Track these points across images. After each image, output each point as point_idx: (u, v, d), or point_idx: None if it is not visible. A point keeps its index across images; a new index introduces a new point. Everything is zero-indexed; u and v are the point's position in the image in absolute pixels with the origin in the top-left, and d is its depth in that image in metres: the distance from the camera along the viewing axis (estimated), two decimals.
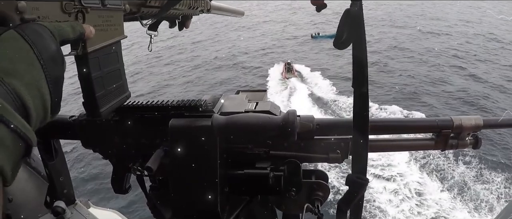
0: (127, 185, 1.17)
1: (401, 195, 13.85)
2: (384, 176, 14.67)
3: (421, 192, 14.02)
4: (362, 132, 0.87)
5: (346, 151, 0.98)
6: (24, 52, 0.51)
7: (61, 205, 1.34)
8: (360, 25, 0.80)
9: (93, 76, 0.77)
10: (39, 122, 0.53)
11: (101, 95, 0.80)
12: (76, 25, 0.67)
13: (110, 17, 0.80)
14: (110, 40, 0.81)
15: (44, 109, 0.53)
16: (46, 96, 0.53)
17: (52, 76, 0.55)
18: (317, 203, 1.02)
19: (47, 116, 0.55)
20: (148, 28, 1.12)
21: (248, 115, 0.92)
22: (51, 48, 0.56)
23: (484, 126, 0.97)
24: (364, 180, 0.90)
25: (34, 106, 0.50)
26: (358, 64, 0.83)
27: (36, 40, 0.53)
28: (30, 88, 0.50)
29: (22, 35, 0.52)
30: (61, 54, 0.59)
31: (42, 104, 0.52)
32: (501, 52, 28.61)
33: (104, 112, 0.82)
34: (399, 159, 15.32)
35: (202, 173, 0.93)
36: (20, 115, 0.46)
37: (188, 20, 1.28)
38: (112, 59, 0.84)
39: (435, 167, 15.20)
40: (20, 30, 0.53)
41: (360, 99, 0.85)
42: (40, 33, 0.55)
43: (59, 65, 0.58)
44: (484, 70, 25.02)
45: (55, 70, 0.56)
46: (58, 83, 0.57)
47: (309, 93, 23.26)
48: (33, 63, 0.52)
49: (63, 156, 1.27)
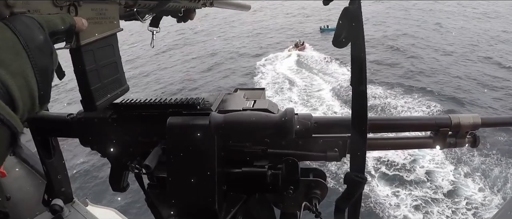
0: (125, 183, 1.17)
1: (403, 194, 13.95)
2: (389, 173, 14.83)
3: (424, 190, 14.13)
4: (360, 130, 0.88)
5: (344, 149, 0.98)
6: (10, 42, 0.51)
7: (59, 203, 1.35)
8: (359, 24, 0.80)
9: (88, 69, 0.76)
10: (27, 112, 0.53)
11: (96, 89, 0.79)
12: (67, 17, 0.66)
13: (104, 10, 0.79)
14: (104, 33, 0.80)
15: (31, 98, 0.53)
16: (33, 85, 0.53)
17: (39, 66, 0.55)
18: (315, 201, 1.02)
19: (35, 105, 0.55)
20: (150, 24, 1.11)
21: (246, 113, 0.92)
22: (38, 38, 0.56)
23: (482, 124, 0.97)
24: (362, 178, 0.90)
25: (21, 95, 0.50)
26: (356, 62, 0.83)
27: (23, 30, 0.53)
28: (16, 77, 0.50)
29: (8, 26, 0.52)
30: (49, 45, 0.58)
31: (28, 93, 0.52)
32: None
33: (100, 105, 0.81)
34: (398, 158, 15.43)
35: (200, 171, 0.93)
36: (5, 103, 0.46)
37: (191, 13, 1.24)
38: (108, 52, 0.83)
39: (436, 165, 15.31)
40: (7, 21, 0.53)
41: (358, 97, 0.86)
42: (28, 24, 0.55)
43: (47, 55, 0.57)
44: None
45: (43, 60, 0.56)
46: (46, 74, 0.57)
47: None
48: (19, 53, 0.52)
49: (61, 154, 1.27)
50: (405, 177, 14.68)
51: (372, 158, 15.33)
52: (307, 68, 27.97)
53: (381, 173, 14.94)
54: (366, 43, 0.82)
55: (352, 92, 0.86)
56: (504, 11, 38.42)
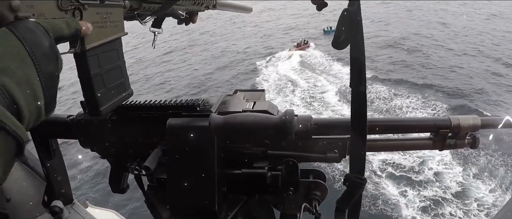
0: (125, 184, 1.17)
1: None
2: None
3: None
4: (360, 131, 0.88)
5: (344, 151, 0.98)
6: (15, 49, 0.50)
7: (59, 204, 1.34)
8: (358, 25, 0.80)
9: (93, 74, 0.76)
10: (33, 120, 0.52)
11: (101, 94, 0.78)
12: (72, 21, 0.65)
13: (109, 14, 0.78)
14: (109, 37, 0.79)
15: (37, 107, 0.52)
16: (39, 93, 0.52)
17: (45, 73, 0.53)
18: (314, 202, 1.02)
19: (41, 113, 0.53)
20: (152, 25, 1.10)
21: (246, 115, 0.92)
22: (44, 44, 0.54)
23: (482, 126, 0.97)
24: (362, 180, 0.90)
25: (26, 103, 0.49)
26: (356, 63, 0.83)
27: (28, 36, 0.52)
28: (21, 85, 0.48)
29: (13, 32, 0.51)
30: (55, 51, 0.57)
31: (34, 101, 0.51)
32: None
33: (105, 110, 0.80)
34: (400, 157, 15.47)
35: (199, 173, 0.93)
36: (11, 113, 0.45)
37: (194, 15, 1.24)
38: (112, 57, 0.82)
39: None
40: (11, 27, 0.51)
41: (358, 98, 0.86)
42: (32, 29, 0.53)
43: (53, 62, 0.56)
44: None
45: (49, 67, 0.55)
46: (52, 80, 0.56)
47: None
48: (24, 60, 0.50)
49: (61, 155, 1.27)
50: (413, 178, 14.66)
51: (378, 160, 15.36)
52: (310, 69, 28.35)
53: (388, 173, 14.94)
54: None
55: (352, 93, 0.86)
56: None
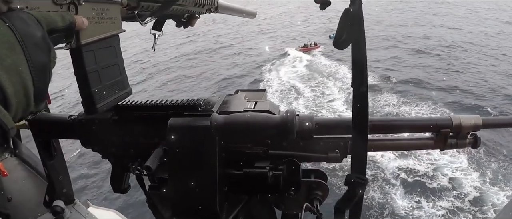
0: (126, 184, 1.17)
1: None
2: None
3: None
4: (361, 131, 0.87)
5: (345, 151, 0.98)
6: (5, 37, 0.50)
7: (60, 204, 1.34)
8: (360, 25, 0.80)
9: (88, 70, 0.74)
10: (22, 110, 0.52)
11: (97, 90, 0.77)
12: (66, 14, 0.64)
13: (105, 10, 0.78)
14: (105, 34, 0.79)
15: (26, 95, 0.51)
16: (28, 82, 0.52)
17: (36, 63, 0.53)
18: (316, 202, 1.02)
19: (29, 103, 0.53)
20: (153, 28, 1.10)
21: (247, 114, 0.92)
22: (36, 35, 0.54)
23: (483, 125, 0.97)
24: (363, 180, 0.90)
25: (14, 91, 0.48)
26: (357, 63, 0.83)
27: (19, 25, 0.51)
28: (9, 73, 0.48)
29: (4, 20, 0.50)
30: (47, 42, 0.57)
31: (23, 90, 0.51)
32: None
33: (101, 108, 0.79)
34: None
35: (201, 172, 0.93)
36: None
37: (194, 18, 1.23)
38: (109, 54, 0.81)
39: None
40: (3, 16, 0.51)
41: (359, 99, 0.86)
42: (24, 19, 0.53)
43: (45, 53, 0.56)
44: None
45: (40, 57, 0.54)
46: (43, 71, 0.55)
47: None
48: (14, 48, 0.50)
49: (62, 155, 1.27)
50: (427, 184, 14.74)
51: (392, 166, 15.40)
52: (318, 72, 29.68)
53: (402, 179, 14.96)
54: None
55: (353, 93, 0.86)
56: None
